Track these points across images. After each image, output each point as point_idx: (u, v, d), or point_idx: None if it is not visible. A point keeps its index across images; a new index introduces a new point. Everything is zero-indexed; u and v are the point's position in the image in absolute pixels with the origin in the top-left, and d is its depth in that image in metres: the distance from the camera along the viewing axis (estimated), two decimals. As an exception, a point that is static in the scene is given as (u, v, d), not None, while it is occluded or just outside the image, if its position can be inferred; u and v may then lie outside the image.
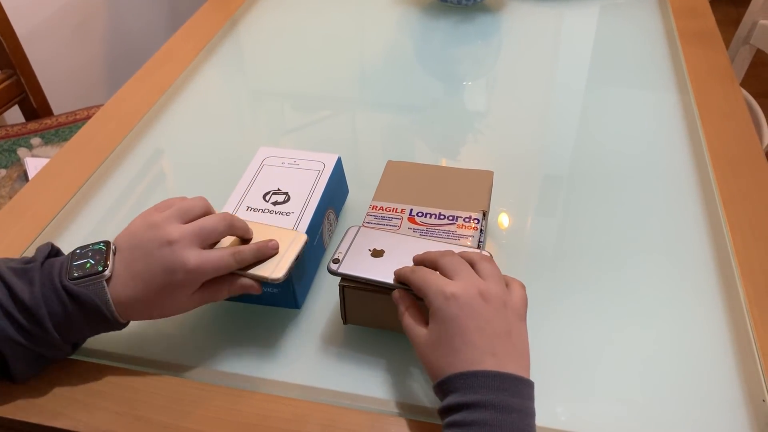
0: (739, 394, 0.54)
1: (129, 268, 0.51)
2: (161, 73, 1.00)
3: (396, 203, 0.64)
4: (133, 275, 0.51)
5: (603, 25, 1.12)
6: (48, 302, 0.50)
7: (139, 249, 0.52)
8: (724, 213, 0.71)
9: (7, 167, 1.25)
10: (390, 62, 1.04)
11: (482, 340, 0.46)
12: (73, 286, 0.50)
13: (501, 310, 0.48)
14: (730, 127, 0.84)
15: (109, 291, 0.50)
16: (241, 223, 0.55)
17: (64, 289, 0.50)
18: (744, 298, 0.62)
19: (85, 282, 0.50)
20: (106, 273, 0.51)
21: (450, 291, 0.48)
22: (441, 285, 0.49)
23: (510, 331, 0.48)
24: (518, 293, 0.52)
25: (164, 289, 0.51)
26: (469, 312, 0.47)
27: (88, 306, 0.50)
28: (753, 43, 1.30)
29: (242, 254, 0.53)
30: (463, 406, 0.44)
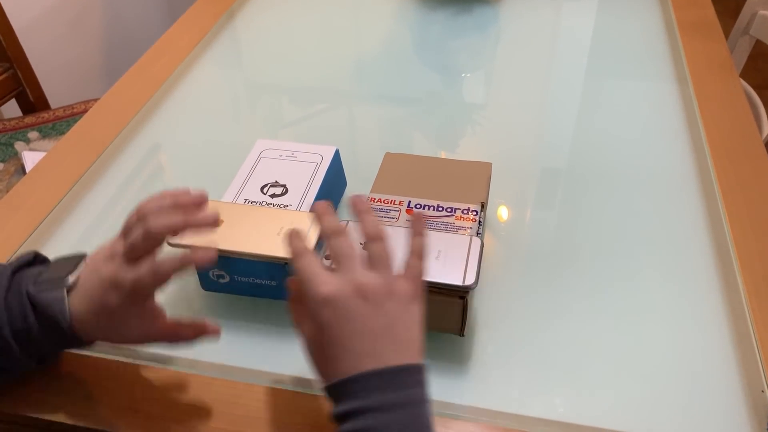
0: (738, 384, 0.54)
1: (84, 281, 0.49)
2: (158, 66, 0.99)
3: (394, 195, 0.63)
4: (87, 288, 0.48)
5: (602, 16, 1.11)
6: (9, 308, 0.48)
7: (92, 264, 0.50)
8: (723, 204, 0.71)
9: (5, 161, 1.25)
10: (388, 54, 1.04)
11: (359, 343, 0.44)
12: (36, 292, 0.48)
13: (381, 305, 0.45)
14: (729, 118, 0.84)
15: (69, 302, 0.48)
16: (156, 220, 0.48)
17: (27, 295, 0.48)
18: (743, 288, 0.62)
19: (46, 288, 0.48)
20: (67, 280, 0.48)
21: (323, 294, 0.44)
22: (316, 285, 0.45)
23: (392, 324, 0.45)
24: (411, 272, 0.47)
25: (104, 307, 0.47)
26: (343, 316, 0.44)
27: (45, 314, 0.47)
28: (753, 34, 1.29)
29: (160, 271, 0.47)
30: (346, 415, 0.42)
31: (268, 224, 0.59)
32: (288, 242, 0.48)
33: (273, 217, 0.60)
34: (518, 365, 0.56)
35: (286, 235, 0.49)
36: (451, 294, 0.54)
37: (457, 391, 0.54)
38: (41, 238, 0.70)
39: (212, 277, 0.61)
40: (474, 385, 0.55)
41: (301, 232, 0.49)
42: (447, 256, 0.55)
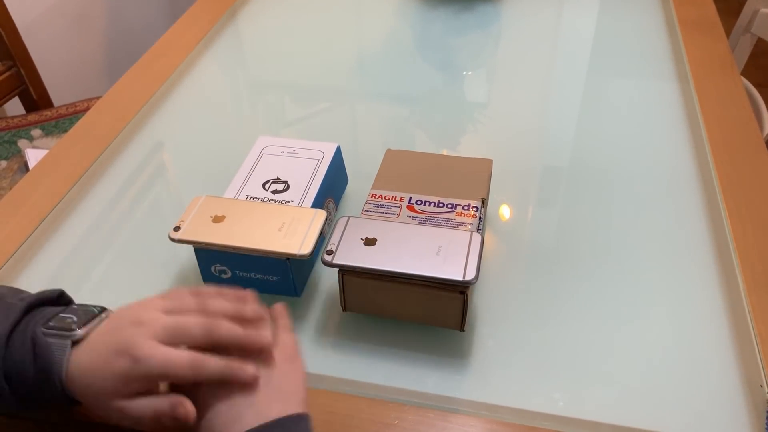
0: (737, 380, 0.55)
1: (98, 334, 0.46)
2: (160, 63, 0.99)
3: (395, 191, 0.64)
4: (96, 340, 0.46)
5: (603, 14, 1.11)
6: (11, 343, 0.46)
7: (115, 320, 0.47)
8: (723, 201, 0.71)
9: (8, 159, 1.25)
10: (389, 52, 1.04)
11: (238, 398, 0.45)
12: (41, 333, 0.45)
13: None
14: (730, 116, 0.84)
15: (71, 354, 0.45)
16: (229, 332, 0.46)
17: (32, 334, 0.46)
18: (743, 285, 0.62)
19: (53, 334, 0.46)
20: (76, 333, 0.46)
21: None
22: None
23: (271, 375, 0.46)
24: (283, 340, 0.49)
25: (108, 371, 0.44)
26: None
27: (41, 359, 0.45)
28: (754, 32, 1.30)
29: (204, 364, 0.44)
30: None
31: (270, 220, 0.59)
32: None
33: (275, 213, 0.60)
34: (518, 360, 0.57)
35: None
36: (451, 289, 0.54)
37: (457, 386, 0.55)
38: (43, 236, 0.71)
39: (214, 273, 0.61)
40: (474, 379, 0.55)
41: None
42: (447, 252, 0.55)
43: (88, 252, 0.69)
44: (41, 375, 0.45)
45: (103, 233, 0.71)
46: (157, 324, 0.45)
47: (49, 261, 0.68)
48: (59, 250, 0.69)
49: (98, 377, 0.44)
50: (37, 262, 0.68)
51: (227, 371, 0.45)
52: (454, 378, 0.55)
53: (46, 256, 0.69)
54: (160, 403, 0.44)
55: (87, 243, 0.70)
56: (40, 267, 0.67)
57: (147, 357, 0.43)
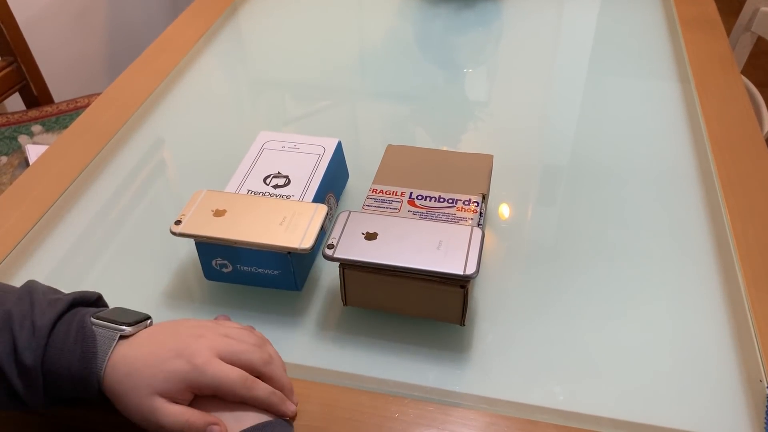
0: (736, 374, 0.55)
1: (149, 334, 0.49)
2: (161, 60, 1.00)
3: (396, 186, 0.64)
4: (147, 339, 0.48)
5: (604, 13, 1.11)
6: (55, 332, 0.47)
7: (172, 327, 0.50)
8: (723, 200, 0.71)
9: (8, 154, 1.25)
10: (390, 50, 1.04)
11: None
12: (89, 323, 0.47)
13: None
14: (730, 115, 0.84)
15: (115, 347, 0.47)
16: (281, 373, 0.50)
17: (80, 323, 0.47)
18: (743, 281, 0.62)
19: (102, 325, 0.48)
20: (125, 329, 0.48)
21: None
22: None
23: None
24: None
25: (160, 368, 0.46)
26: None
27: (87, 346, 0.46)
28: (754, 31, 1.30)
29: (255, 385, 0.47)
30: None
31: (271, 214, 0.59)
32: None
33: (276, 207, 0.60)
34: (518, 354, 0.57)
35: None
36: (452, 283, 0.55)
37: (457, 379, 0.55)
38: (44, 231, 0.71)
39: (215, 267, 0.61)
40: (474, 373, 0.55)
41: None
42: (448, 247, 0.55)
43: (88, 247, 0.69)
44: (83, 363, 0.46)
45: (104, 228, 0.72)
46: (218, 341, 0.48)
47: (49, 256, 0.68)
48: (60, 245, 0.69)
49: (148, 372, 0.46)
50: (38, 257, 0.68)
51: (273, 398, 0.48)
52: (455, 372, 0.55)
53: (47, 251, 0.69)
54: (196, 418, 0.46)
55: (88, 238, 0.70)
56: (40, 262, 0.67)
57: (205, 364, 0.46)
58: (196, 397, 0.47)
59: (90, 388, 0.46)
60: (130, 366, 0.46)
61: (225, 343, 0.48)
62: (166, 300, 0.63)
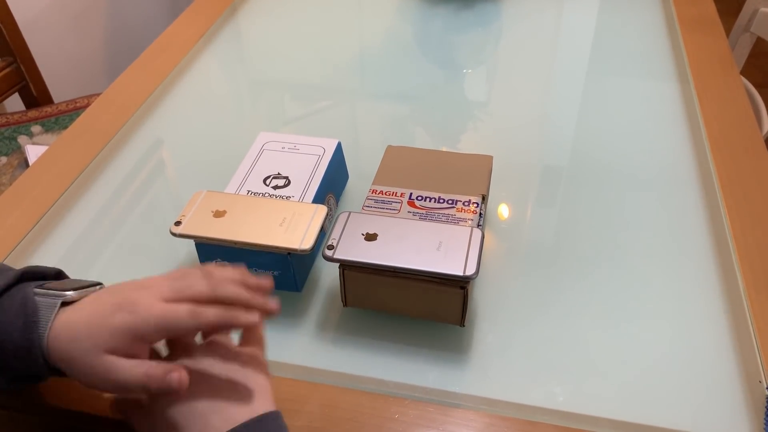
0: (736, 375, 0.55)
1: (92, 298, 0.46)
2: (160, 60, 1.00)
3: (396, 187, 0.64)
4: (89, 302, 0.45)
5: (603, 13, 1.11)
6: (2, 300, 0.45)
7: (116, 286, 0.47)
8: (723, 201, 0.71)
9: (8, 155, 1.25)
10: (390, 50, 1.04)
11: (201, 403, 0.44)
12: (31, 294, 0.45)
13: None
14: (730, 115, 0.84)
15: (59, 313, 0.44)
16: (233, 291, 0.46)
17: (22, 295, 0.45)
18: (742, 282, 0.62)
19: (43, 294, 0.45)
20: (68, 294, 0.45)
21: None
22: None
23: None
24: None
25: (103, 324, 0.43)
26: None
27: (28, 318, 0.44)
28: (753, 31, 1.30)
29: (203, 311, 0.43)
30: None
31: (270, 215, 0.60)
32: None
33: (276, 208, 0.60)
34: (518, 355, 0.57)
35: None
36: (451, 284, 0.55)
37: (457, 380, 0.55)
38: (43, 232, 0.71)
39: (215, 268, 0.61)
40: (474, 374, 0.55)
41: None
42: (448, 247, 0.55)
43: (88, 248, 0.69)
44: (24, 333, 0.44)
45: (103, 229, 0.72)
46: (162, 285, 0.45)
47: (49, 257, 0.68)
48: (59, 246, 0.69)
49: (92, 332, 0.43)
50: (38, 258, 0.68)
51: (227, 316, 0.44)
52: (455, 373, 0.55)
53: (47, 252, 0.69)
54: (153, 367, 0.42)
55: (87, 239, 0.70)
56: (40, 263, 0.67)
57: (147, 309, 0.43)
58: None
59: (35, 360, 0.44)
60: (73, 330, 0.43)
61: (168, 286, 0.45)
62: (166, 301, 0.62)
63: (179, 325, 0.43)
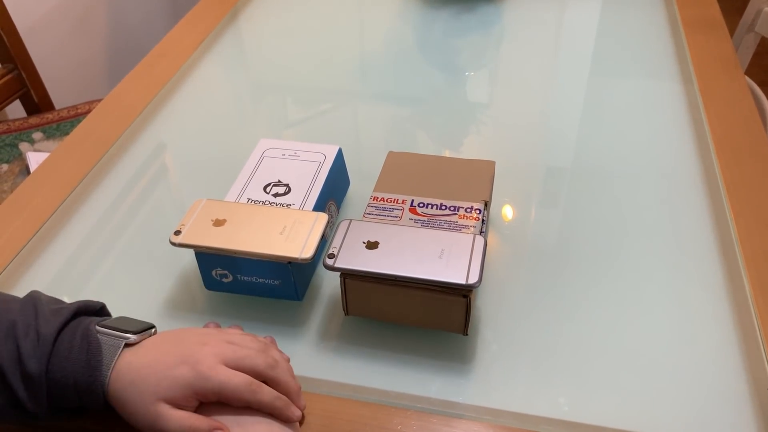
0: (743, 383, 0.54)
1: (153, 343, 0.49)
2: (161, 66, 0.99)
3: (397, 194, 0.63)
4: (152, 347, 0.48)
5: (605, 14, 1.11)
6: (59, 341, 0.47)
7: (176, 335, 0.50)
8: (728, 201, 0.71)
9: (9, 162, 1.25)
10: (391, 53, 1.04)
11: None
12: (95, 331, 0.48)
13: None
14: (734, 115, 0.83)
15: (120, 355, 0.47)
16: (286, 376, 0.50)
17: (84, 331, 0.47)
18: (748, 285, 0.61)
19: (106, 333, 0.48)
20: (130, 337, 0.48)
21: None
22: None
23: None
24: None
25: (165, 374, 0.46)
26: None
27: (92, 354, 0.47)
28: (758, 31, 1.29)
29: (260, 389, 0.47)
30: None
31: (271, 224, 0.59)
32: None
33: (276, 216, 0.60)
34: (522, 364, 0.56)
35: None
36: (454, 293, 0.54)
37: (460, 390, 0.54)
38: (45, 239, 0.70)
39: (215, 277, 0.61)
40: (478, 384, 0.55)
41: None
42: (450, 255, 0.55)
43: (89, 255, 0.69)
44: (87, 371, 0.46)
45: (105, 236, 0.71)
46: (222, 347, 0.48)
47: (50, 264, 0.68)
48: (61, 254, 0.69)
49: (152, 379, 0.46)
50: (39, 265, 0.68)
51: (278, 403, 0.48)
52: (458, 382, 0.55)
53: (48, 259, 0.68)
54: (200, 422, 0.46)
55: (89, 246, 0.70)
56: (41, 270, 0.67)
57: (210, 370, 0.46)
58: (204, 406, 0.47)
59: (95, 397, 0.46)
60: (134, 374, 0.47)
61: (229, 350, 0.48)
62: (167, 310, 0.62)
63: (236, 395, 0.46)
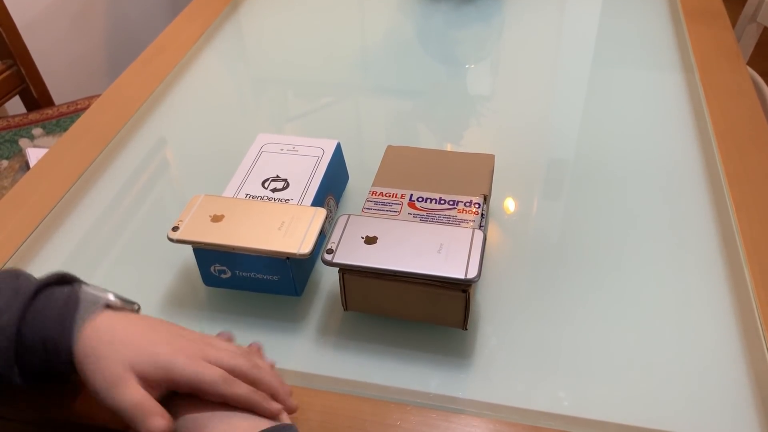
0: (745, 378, 0.54)
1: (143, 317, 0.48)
2: (160, 60, 0.99)
3: (396, 188, 0.63)
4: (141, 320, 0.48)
5: (607, 5, 1.10)
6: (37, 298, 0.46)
7: (162, 322, 0.49)
8: (729, 194, 0.70)
9: (9, 158, 1.25)
10: (392, 46, 1.03)
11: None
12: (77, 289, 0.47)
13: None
14: (736, 106, 0.83)
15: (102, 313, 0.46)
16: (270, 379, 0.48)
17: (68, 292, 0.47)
18: (750, 281, 0.61)
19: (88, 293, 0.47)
20: (111, 297, 0.48)
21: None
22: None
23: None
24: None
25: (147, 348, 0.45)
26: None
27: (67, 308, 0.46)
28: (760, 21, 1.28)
29: (235, 383, 0.46)
30: None
31: (269, 219, 0.59)
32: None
33: (274, 211, 0.60)
34: (522, 359, 0.56)
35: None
36: (453, 287, 0.54)
37: (460, 385, 0.54)
38: (44, 235, 0.70)
39: (214, 273, 0.60)
40: (477, 379, 0.55)
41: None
42: (449, 250, 0.55)
43: (89, 251, 0.69)
44: (58, 322, 0.45)
45: (104, 232, 0.71)
46: (206, 348, 0.47)
47: (50, 260, 0.68)
48: (60, 249, 0.69)
49: (132, 347, 0.45)
50: (39, 261, 0.68)
51: (255, 396, 0.46)
52: (458, 377, 0.55)
53: (48, 255, 0.68)
54: (150, 405, 0.43)
55: (88, 242, 0.70)
56: (41, 266, 0.67)
57: (190, 359, 0.45)
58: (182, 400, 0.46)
59: (60, 352, 0.45)
60: (117, 335, 0.45)
61: (212, 349, 0.47)
62: (166, 306, 0.62)
63: (212, 388, 0.45)
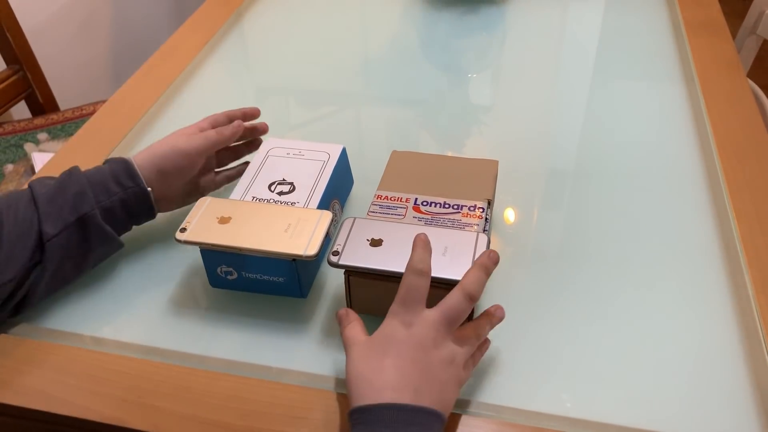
0: (746, 381, 0.54)
1: (148, 151, 0.67)
2: (165, 67, 1.00)
3: (401, 193, 0.64)
4: (150, 152, 0.66)
5: (608, 16, 1.11)
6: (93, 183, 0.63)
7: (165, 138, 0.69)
8: (730, 203, 0.71)
9: (15, 162, 1.26)
10: (394, 55, 1.04)
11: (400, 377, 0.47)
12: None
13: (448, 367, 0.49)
14: (736, 118, 0.84)
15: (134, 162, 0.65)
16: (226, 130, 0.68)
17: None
18: (751, 286, 0.62)
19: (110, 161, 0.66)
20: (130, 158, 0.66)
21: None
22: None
23: (433, 372, 0.48)
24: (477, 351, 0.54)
25: (167, 158, 0.65)
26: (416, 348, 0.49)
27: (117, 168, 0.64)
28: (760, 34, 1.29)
29: (223, 130, 0.68)
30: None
31: (276, 221, 0.59)
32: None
33: (281, 214, 0.60)
34: (525, 360, 0.57)
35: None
36: None
37: (463, 387, 0.54)
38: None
39: (220, 274, 0.61)
40: (480, 380, 0.55)
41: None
42: (453, 253, 0.55)
43: (94, 254, 0.69)
44: (116, 163, 0.64)
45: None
46: (196, 127, 0.69)
47: (55, 263, 0.68)
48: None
49: (169, 138, 0.68)
50: (44, 264, 0.68)
51: (237, 127, 0.69)
52: (461, 379, 0.55)
53: (53, 258, 0.69)
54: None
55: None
56: (46, 269, 0.67)
57: (188, 143, 0.67)
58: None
59: (129, 167, 0.63)
60: (154, 146, 0.68)
61: (202, 128, 0.71)
62: (172, 306, 0.62)
63: (216, 142, 0.67)
